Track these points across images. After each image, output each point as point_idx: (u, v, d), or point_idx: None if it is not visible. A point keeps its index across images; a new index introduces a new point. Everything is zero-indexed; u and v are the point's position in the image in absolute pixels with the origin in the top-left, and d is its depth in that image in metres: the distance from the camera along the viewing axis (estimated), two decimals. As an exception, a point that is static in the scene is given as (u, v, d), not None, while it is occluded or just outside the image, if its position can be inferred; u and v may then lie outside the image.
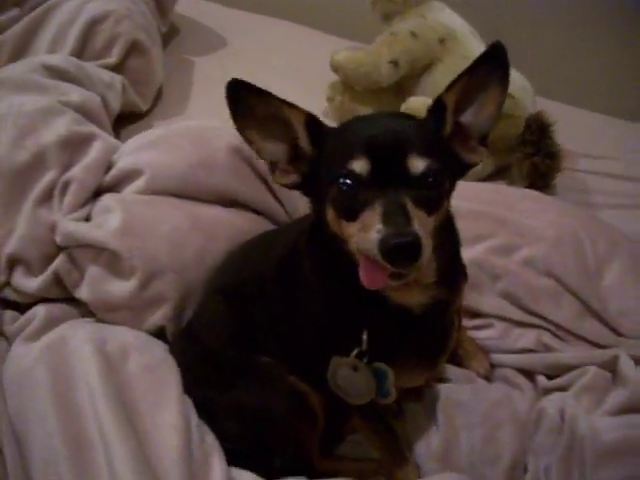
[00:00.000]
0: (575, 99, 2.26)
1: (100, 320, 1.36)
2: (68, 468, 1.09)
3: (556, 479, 1.19)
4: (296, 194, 1.43)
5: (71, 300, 1.40)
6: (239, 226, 1.39)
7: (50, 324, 1.33)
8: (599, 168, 1.98)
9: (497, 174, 1.94)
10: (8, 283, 1.40)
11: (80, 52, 1.90)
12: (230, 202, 1.43)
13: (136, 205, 1.37)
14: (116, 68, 1.95)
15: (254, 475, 1.16)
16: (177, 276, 1.31)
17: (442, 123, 1.01)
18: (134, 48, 1.98)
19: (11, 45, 1.93)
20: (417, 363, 1.17)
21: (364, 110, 2.09)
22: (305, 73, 2.24)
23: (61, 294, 1.40)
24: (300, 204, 1.44)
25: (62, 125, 1.46)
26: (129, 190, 1.40)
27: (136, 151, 1.46)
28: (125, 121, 1.97)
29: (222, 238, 1.36)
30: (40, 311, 1.36)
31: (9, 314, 1.39)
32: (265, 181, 1.45)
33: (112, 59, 1.94)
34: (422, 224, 0.91)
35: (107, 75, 1.86)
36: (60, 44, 1.90)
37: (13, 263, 1.39)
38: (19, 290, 1.39)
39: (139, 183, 1.39)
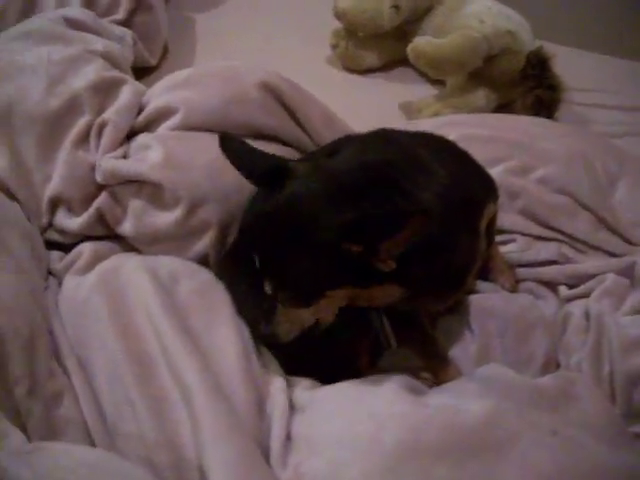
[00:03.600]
0: (567, 39, 2.33)
1: (144, 254, 1.42)
2: (134, 382, 1.14)
3: (588, 371, 1.27)
4: (322, 127, 1.53)
5: (113, 238, 1.46)
6: (272, 156, 1.45)
7: (97, 259, 1.38)
8: (596, 100, 2.06)
9: (500, 109, 2.01)
10: (50, 225, 1.46)
11: (88, 8, 1.93)
12: (261, 135, 1.48)
13: (173, 140, 1.43)
14: (123, 24, 1.99)
15: (311, 380, 1.22)
16: (220, 204, 1.37)
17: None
18: (140, 4, 2.03)
19: (19, 3, 1.95)
20: (441, 293, 1.26)
21: (368, 55, 2.16)
22: (306, 23, 2.29)
23: (103, 232, 1.45)
24: (326, 135, 1.51)
25: (92, 71, 1.52)
26: (164, 127, 1.46)
27: (167, 91, 1.51)
28: (135, 76, 2.02)
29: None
30: (86, 248, 1.42)
31: (55, 253, 1.44)
32: (293, 115, 1.51)
33: (119, 15, 1.98)
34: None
35: (118, 29, 1.90)
36: (67, 1, 1.94)
37: (55, 205, 1.45)
38: (62, 230, 1.45)
39: (174, 120, 1.45)
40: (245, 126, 1.47)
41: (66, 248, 1.46)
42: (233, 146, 1.18)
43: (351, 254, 1.04)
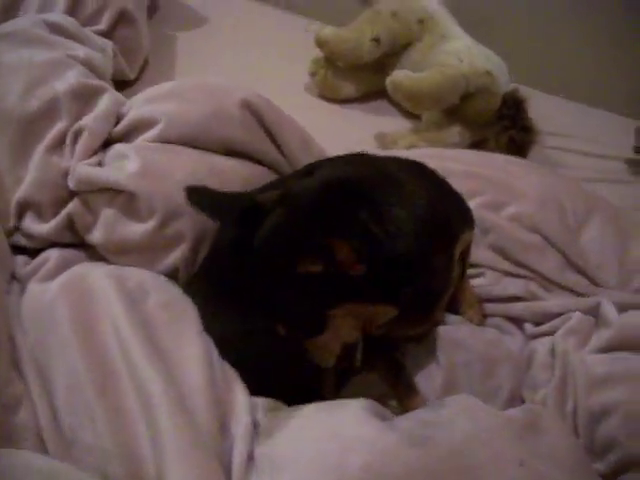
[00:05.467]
0: (542, 85, 2.38)
1: (112, 264, 1.39)
2: (94, 392, 1.11)
3: (552, 406, 1.28)
4: (298, 149, 1.53)
5: (81, 246, 1.43)
6: (249, 175, 1.45)
7: (63, 266, 1.35)
8: (567, 145, 2.11)
9: (473, 147, 2.04)
10: (17, 229, 1.43)
11: (71, 16, 1.92)
12: (239, 154, 1.48)
13: (151, 151, 1.41)
14: (105, 35, 1.98)
15: (275, 400, 1.20)
16: (194, 218, 1.35)
17: None
18: (122, 17, 2.02)
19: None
20: (416, 316, 1.26)
21: (346, 86, 2.18)
22: (287, 50, 2.31)
23: (72, 239, 1.43)
24: (302, 158, 1.51)
25: (73, 77, 1.50)
26: (143, 139, 1.44)
27: (148, 102, 1.50)
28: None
29: (235, 186, 1.40)
30: (53, 254, 1.39)
31: (20, 258, 1.41)
32: (271, 136, 1.50)
33: (102, 26, 1.97)
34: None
35: (100, 40, 1.89)
36: (49, 7, 1.92)
37: (23, 208, 1.42)
38: (29, 234, 1.42)
39: (153, 132, 1.43)
40: (224, 142, 1.46)
41: (31, 253, 1.43)
42: (200, 195, 1.19)
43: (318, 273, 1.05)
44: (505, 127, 1.94)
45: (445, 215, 1.24)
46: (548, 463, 1.02)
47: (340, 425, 1.06)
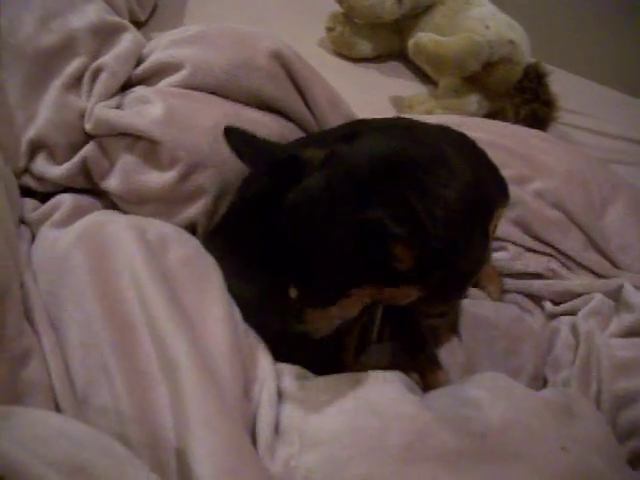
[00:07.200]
0: (553, 59, 2.33)
1: (126, 213, 1.32)
2: (111, 350, 1.03)
3: (577, 389, 1.25)
4: (327, 107, 1.46)
5: (94, 193, 1.35)
6: (274, 130, 1.38)
7: (77, 213, 1.27)
8: (583, 124, 2.07)
9: (488, 117, 1.98)
10: (26, 170, 1.34)
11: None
12: (265, 106, 1.41)
13: (175, 97, 1.33)
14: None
15: (301, 368, 1.15)
16: (217, 171, 1.29)
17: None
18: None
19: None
20: (448, 295, 1.21)
21: (362, 44, 2.11)
22: (304, 2, 2.22)
23: (85, 184, 1.35)
24: (330, 116, 1.45)
25: (92, 12, 1.40)
26: (166, 83, 1.36)
27: (173, 45, 1.41)
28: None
29: (263, 139, 1.34)
30: (66, 199, 1.30)
31: (29, 202, 1.32)
32: (300, 91, 1.43)
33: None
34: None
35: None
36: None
37: (35, 149, 1.33)
38: (40, 177, 1.33)
39: (178, 77, 1.36)
40: (251, 94, 1.39)
41: (40, 197, 1.35)
42: (239, 138, 1.10)
43: (368, 254, 0.97)
44: (527, 100, 1.89)
45: (486, 192, 1.19)
46: (589, 449, 0.99)
47: (377, 400, 1.01)
